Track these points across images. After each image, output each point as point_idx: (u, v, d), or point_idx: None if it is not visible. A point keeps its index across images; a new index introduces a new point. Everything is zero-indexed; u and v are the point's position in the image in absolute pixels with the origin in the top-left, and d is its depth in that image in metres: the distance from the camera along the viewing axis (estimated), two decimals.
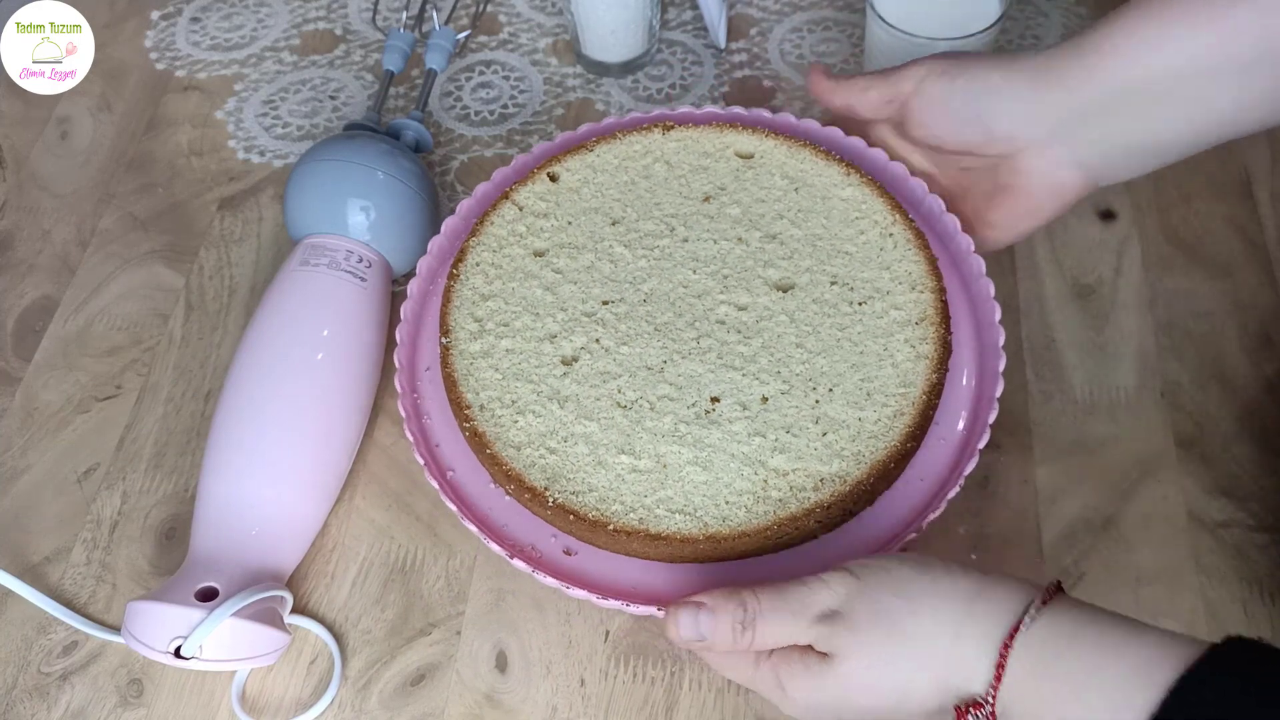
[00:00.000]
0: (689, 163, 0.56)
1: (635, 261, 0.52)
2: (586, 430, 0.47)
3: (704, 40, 0.75)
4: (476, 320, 0.51)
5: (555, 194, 0.55)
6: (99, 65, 0.75)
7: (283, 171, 0.70)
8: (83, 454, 0.59)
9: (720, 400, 0.48)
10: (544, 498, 0.46)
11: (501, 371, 0.49)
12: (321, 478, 0.54)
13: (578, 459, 0.47)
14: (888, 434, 0.47)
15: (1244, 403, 0.56)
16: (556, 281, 0.52)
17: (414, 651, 0.52)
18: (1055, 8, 0.75)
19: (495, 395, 0.49)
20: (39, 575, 0.55)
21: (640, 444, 0.47)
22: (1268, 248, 0.62)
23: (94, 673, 0.52)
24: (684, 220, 0.54)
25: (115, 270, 0.66)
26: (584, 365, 0.49)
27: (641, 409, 0.48)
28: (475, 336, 0.51)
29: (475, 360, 0.50)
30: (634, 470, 0.46)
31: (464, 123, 0.72)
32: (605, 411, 0.48)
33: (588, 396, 0.48)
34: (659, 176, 0.55)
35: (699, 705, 0.49)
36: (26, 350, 0.63)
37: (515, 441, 0.47)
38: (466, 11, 0.78)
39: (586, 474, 0.46)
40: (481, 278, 0.52)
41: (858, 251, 0.52)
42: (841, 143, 0.57)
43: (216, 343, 0.63)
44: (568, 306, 0.51)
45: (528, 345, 0.50)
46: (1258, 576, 0.51)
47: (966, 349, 0.51)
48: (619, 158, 0.56)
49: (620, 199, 0.55)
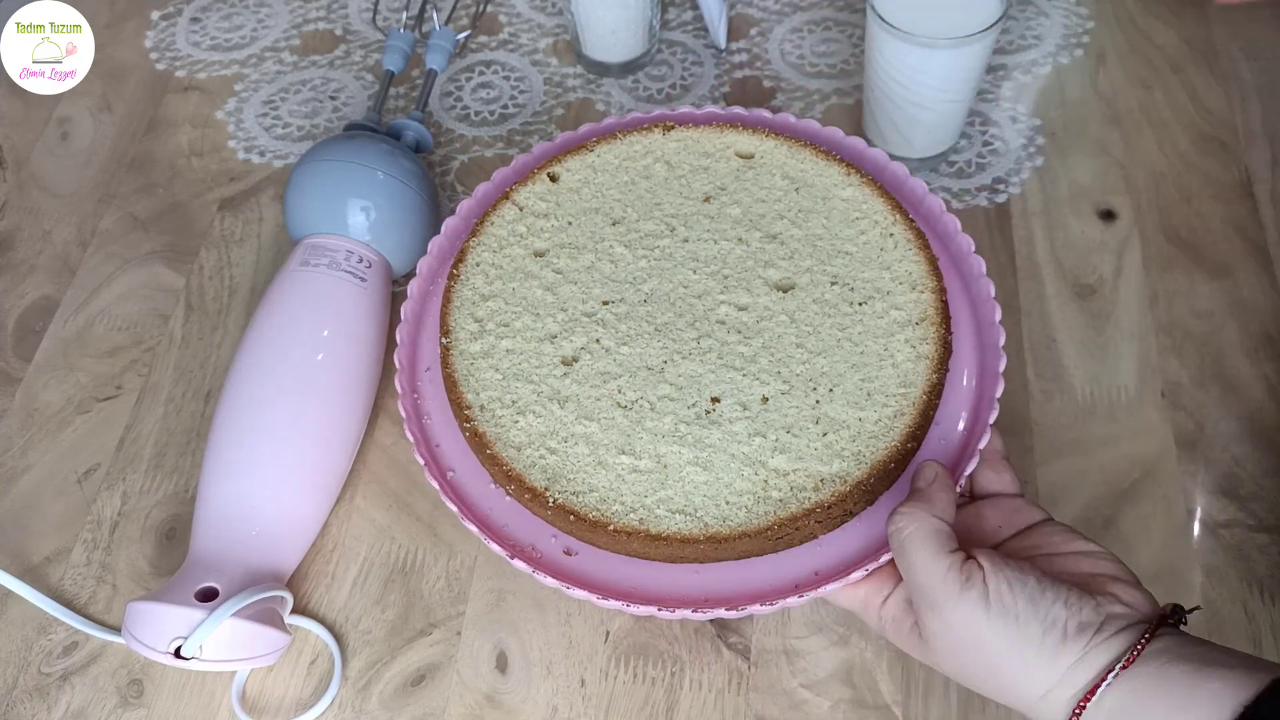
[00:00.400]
0: (689, 163, 0.56)
1: (636, 262, 0.52)
2: (587, 430, 0.47)
3: (704, 40, 0.75)
4: (477, 320, 0.51)
5: (555, 194, 0.55)
6: (99, 65, 0.75)
7: (283, 172, 0.70)
8: (83, 454, 0.59)
9: (720, 400, 0.48)
10: (544, 498, 0.46)
11: (502, 372, 0.49)
12: (322, 478, 0.54)
13: (578, 459, 0.47)
14: (888, 434, 0.47)
15: (1244, 403, 0.56)
16: (557, 282, 0.52)
17: (414, 652, 0.52)
18: (1055, 8, 0.75)
19: (495, 396, 0.49)
20: (39, 576, 0.55)
21: (640, 444, 0.47)
22: (1268, 248, 0.62)
23: (94, 673, 0.52)
24: (684, 220, 0.54)
25: (115, 270, 0.66)
26: (584, 365, 0.49)
27: (642, 409, 0.48)
28: (475, 337, 0.50)
29: (475, 360, 0.50)
30: (634, 470, 0.46)
31: (464, 123, 0.72)
32: (605, 412, 0.48)
33: (588, 397, 0.48)
34: (659, 176, 0.55)
35: (699, 705, 0.49)
36: (27, 351, 0.63)
37: (516, 442, 0.47)
38: (466, 12, 0.78)
39: (587, 474, 0.46)
40: (482, 278, 0.52)
41: (858, 252, 0.52)
42: (842, 143, 0.57)
43: (217, 343, 0.63)
44: (568, 307, 0.51)
45: (528, 345, 0.50)
46: (1258, 576, 0.51)
47: (967, 349, 0.51)
48: (619, 158, 0.56)
49: (621, 199, 0.55)
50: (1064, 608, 0.39)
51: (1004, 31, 0.73)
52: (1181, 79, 0.71)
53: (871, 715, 0.49)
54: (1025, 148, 0.68)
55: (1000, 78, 0.71)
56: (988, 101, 0.70)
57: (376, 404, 0.58)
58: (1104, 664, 0.38)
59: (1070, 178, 0.66)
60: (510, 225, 0.54)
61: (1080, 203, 0.65)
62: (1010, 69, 0.72)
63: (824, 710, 0.49)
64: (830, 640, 0.51)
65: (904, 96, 0.62)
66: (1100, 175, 0.66)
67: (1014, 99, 0.70)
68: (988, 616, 0.39)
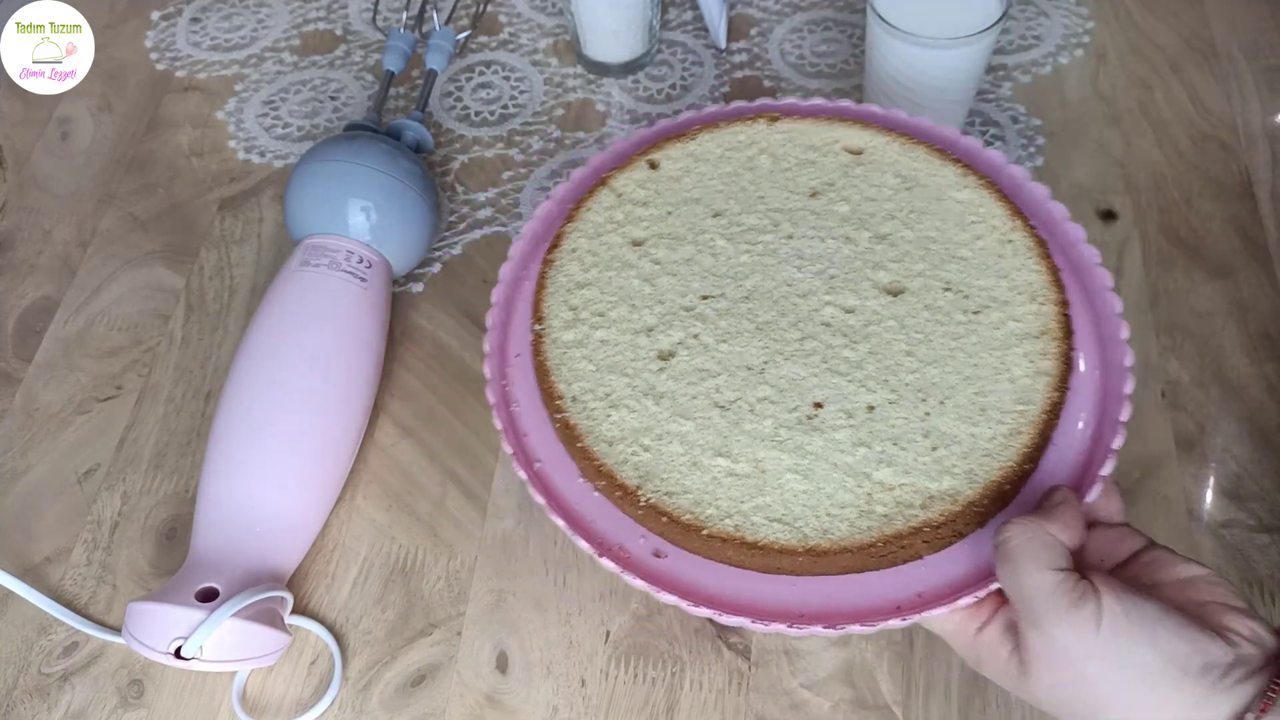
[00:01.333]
0: (795, 156, 0.53)
1: (737, 256, 0.50)
2: (682, 429, 0.45)
3: (704, 41, 0.75)
4: (571, 309, 0.49)
5: (655, 182, 0.53)
6: (99, 65, 0.75)
7: (283, 172, 0.70)
8: (83, 455, 0.59)
9: (824, 406, 0.45)
10: (636, 497, 0.44)
11: (595, 363, 0.47)
12: (322, 478, 0.54)
13: (672, 458, 0.44)
14: (1003, 453, 0.43)
15: (1245, 403, 0.56)
16: (655, 273, 0.50)
17: (415, 652, 0.52)
18: (1055, 8, 0.75)
19: (588, 387, 0.46)
20: (39, 576, 0.55)
21: (738, 447, 0.44)
22: (1268, 248, 0.62)
23: (94, 673, 0.52)
24: (789, 215, 0.51)
25: (116, 271, 0.66)
26: (681, 361, 0.47)
27: (740, 410, 0.45)
28: (569, 325, 0.48)
29: (568, 350, 0.48)
30: (731, 474, 0.44)
31: (464, 123, 0.72)
32: (702, 411, 0.45)
33: (684, 394, 0.46)
34: (764, 169, 0.53)
35: (699, 705, 0.49)
36: (27, 351, 0.63)
37: (608, 436, 0.45)
38: (467, 12, 0.78)
39: (681, 475, 0.44)
40: (578, 265, 0.50)
41: (973, 257, 0.49)
42: (957, 141, 0.54)
43: (217, 343, 0.63)
44: (666, 299, 0.49)
45: (623, 337, 0.48)
46: (1258, 577, 0.51)
47: (1089, 367, 0.47)
48: (722, 148, 0.54)
49: (723, 190, 0.52)
50: (1187, 643, 0.35)
51: (1004, 31, 0.73)
52: (1181, 79, 0.71)
53: (871, 715, 0.49)
54: (1025, 148, 0.68)
55: (1000, 78, 0.71)
56: (988, 101, 0.70)
57: (377, 404, 0.58)
58: (1231, 711, 0.34)
59: (1070, 178, 0.66)
60: (608, 212, 0.52)
61: (1080, 203, 0.65)
62: (1010, 69, 0.72)
63: (824, 710, 0.49)
64: (830, 640, 0.51)
65: (904, 97, 0.62)
66: (1100, 175, 0.66)
67: (1014, 99, 0.70)
68: (1097, 638, 0.35)
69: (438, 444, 0.58)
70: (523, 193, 0.68)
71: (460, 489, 0.56)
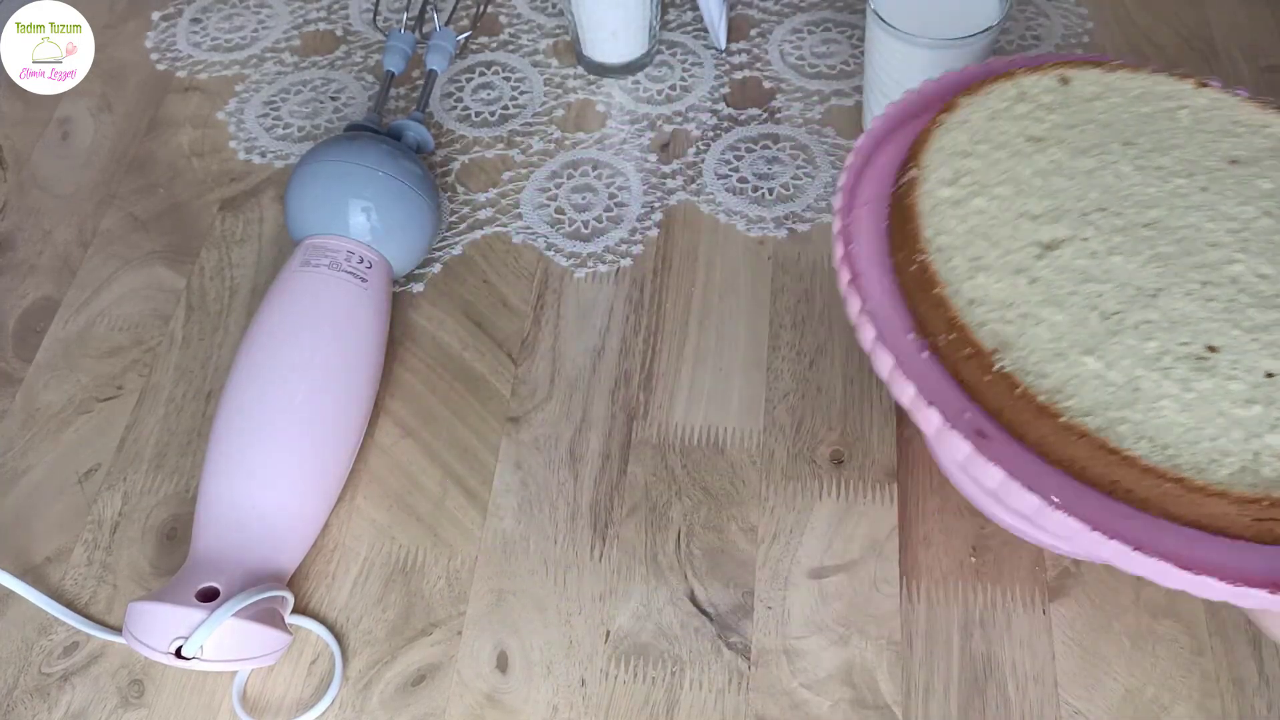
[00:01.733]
0: (1219, 124, 0.49)
1: (1144, 186, 0.45)
2: (1053, 318, 0.41)
3: (704, 41, 0.75)
4: (953, 170, 0.45)
5: (1065, 94, 0.48)
6: (99, 65, 0.75)
7: (284, 172, 0.70)
8: (84, 455, 0.59)
9: (1218, 352, 0.40)
10: (988, 362, 0.39)
11: (968, 226, 0.43)
12: (322, 478, 0.54)
13: (1035, 340, 0.40)
14: None
15: None
16: (1049, 169, 0.45)
17: (415, 652, 0.52)
18: (1055, 8, 0.75)
19: (955, 243, 0.42)
20: (40, 576, 0.55)
21: (1114, 355, 0.40)
22: None
23: (95, 673, 0.52)
24: (1208, 172, 0.46)
25: (116, 271, 0.67)
26: (1064, 257, 0.42)
27: (1122, 324, 0.41)
28: (948, 183, 0.44)
29: (942, 205, 0.43)
30: (1100, 378, 0.39)
31: (465, 123, 0.72)
32: (1078, 310, 0.41)
33: (1061, 288, 0.41)
34: (1184, 123, 0.48)
35: (699, 705, 0.49)
36: (27, 351, 0.63)
37: (968, 295, 0.41)
38: (467, 12, 0.78)
39: (1042, 358, 0.39)
40: (966, 135, 0.46)
41: None
42: None
43: (218, 343, 0.63)
44: (1058, 196, 0.44)
45: (1004, 213, 0.43)
46: None
47: None
48: (1140, 88, 0.49)
49: (1137, 126, 0.48)
50: None
51: (1004, 32, 0.73)
52: None
53: (871, 715, 0.49)
54: None
55: None
56: None
57: (377, 404, 0.58)
58: None
59: None
60: (1009, 102, 0.47)
61: None
62: None
63: (824, 710, 0.49)
64: (830, 640, 0.51)
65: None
66: None
67: None
68: None
69: (438, 444, 0.58)
70: (523, 193, 0.68)
71: (460, 489, 0.56)
